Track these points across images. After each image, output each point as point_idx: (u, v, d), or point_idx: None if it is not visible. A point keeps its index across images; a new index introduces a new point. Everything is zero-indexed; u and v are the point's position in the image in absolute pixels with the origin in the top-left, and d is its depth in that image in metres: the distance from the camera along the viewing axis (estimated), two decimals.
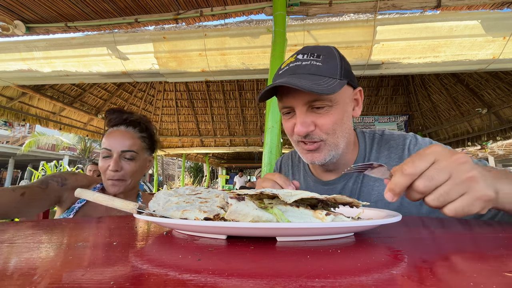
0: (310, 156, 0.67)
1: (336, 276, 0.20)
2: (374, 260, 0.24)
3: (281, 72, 0.66)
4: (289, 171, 0.89)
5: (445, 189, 0.37)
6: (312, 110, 0.63)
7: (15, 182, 15.75)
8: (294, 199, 0.33)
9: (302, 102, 0.63)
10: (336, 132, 0.64)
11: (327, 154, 0.66)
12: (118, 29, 2.76)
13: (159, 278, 0.20)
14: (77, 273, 0.21)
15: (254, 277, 0.20)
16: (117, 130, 0.97)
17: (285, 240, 0.32)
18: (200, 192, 0.50)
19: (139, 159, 0.98)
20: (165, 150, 8.36)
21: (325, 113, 0.63)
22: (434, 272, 0.21)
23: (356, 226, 0.32)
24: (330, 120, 0.63)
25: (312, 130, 0.63)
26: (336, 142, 0.65)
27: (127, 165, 0.94)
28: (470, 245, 0.33)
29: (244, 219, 0.31)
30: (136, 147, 0.96)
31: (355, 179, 0.72)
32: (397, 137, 0.72)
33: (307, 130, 0.63)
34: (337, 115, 0.64)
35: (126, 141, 0.94)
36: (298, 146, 0.69)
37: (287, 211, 0.34)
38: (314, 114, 0.63)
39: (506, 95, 4.57)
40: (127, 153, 0.94)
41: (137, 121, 1.02)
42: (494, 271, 0.21)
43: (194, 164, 19.00)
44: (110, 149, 0.93)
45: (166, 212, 0.39)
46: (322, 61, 0.62)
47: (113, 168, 0.90)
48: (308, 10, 2.30)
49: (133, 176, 0.97)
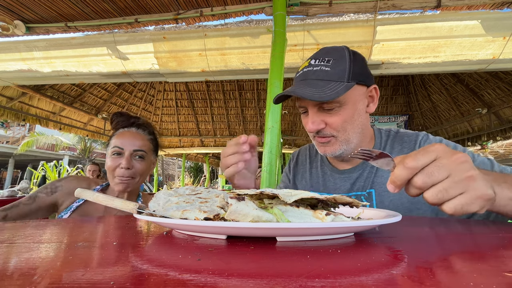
0: (322, 148, 0.75)
1: (336, 276, 0.20)
2: (374, 260, 0.24)
3: (297, 75, 0.74)
4: (307, 161, 0.95)
5: (444, 186, 0.37)
6: (323, 109, 0.70)
7: (15, 182, 15.73)
8: (294, 199, 0.33)
9: (312, 104, 0.70)
10: (347, 129, 0.70)
11: (337, 148, 0.72)
12: (118, 29, 2.76)
13: (159, 278, 0.20)
14: (77, 273, 0.21)
15: (254, 277, 0.20)
16: (128, 131, 1.03)
17: (285, 240, 0.32)
18: (200, 192, 0.50)
19: (147, 159, 1.04)
20: (165, 150, 8.35)
21: (334, 113, 0.69)
22: (434, 272, 0.21)
23: (356, 226, 0.32)
24: (339, 119, 0.69)
25: (322, 127, 0.70)
26: (347, 138, 0.71)
27: (138, 164, 1.00)
28: (470, 245, 0.33)
29: (244, 219, 0.31)
30: (146, 147, 1.03)
31: (370, 169, 0.76)
32: (411, 135, 0.78)
33: (316, 128, 0.70)
34: (346, 114, 0.69)
35: (138, 141, 1.01)
36: (314, 139, 0.77)
37: (287, 211, 0.34)
38: (324, 114, 0.70)
39: (506, 95, 4.57)
40: (139, 152, 1.00)
41: (145, 125, 1.09)
42: (494, 271, 0.21)
43: (194, 164, 18.99)
44: (123, 148, 0.98)
45: (166, 212, 0.39)
46: (331, 66, 0.68)
47: (126, 165, 0.95)
48: (308, 10, 2.30)
49: (142, 175, 1.02)
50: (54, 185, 0.99)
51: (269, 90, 1.88)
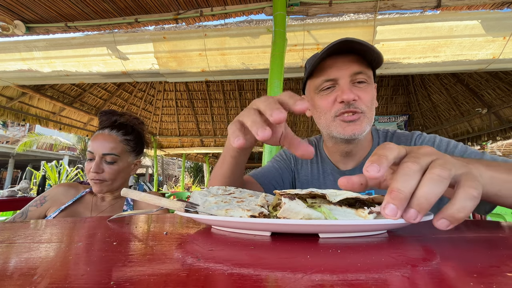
0: (351, 128, 0.70)
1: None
2: (374, 260, 0.24)
3: (326, 49, 0.69)
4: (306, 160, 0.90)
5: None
6: (354, 84, 0.69)
7: (15, 182, 15.74)
8: (340, 198, 0.35)
9: (348, 73, 0.69)
10: (372, 108, 0.71)
11: (364, 126, 0.70)
12: (118, 29, 2.76)
13: (159, 278, 0.20)
14: (77, 273, 0.21)
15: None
16: (101, 133, 1.01)
17: (327, 237, 0.34)
18: (233, 192, 0.51)
19: (121, 162, 1.01)
20: (165, 150, 8.36)
21: (364, 88, 0.70)
22: (434, 272, 0.21)
23: (396, 224, 0.34)
24: (369, 95, 0.70)
25: (356, 99, 0.68)
26: (371, 117, 0.71)
27: (108, 168, 0.98)
28: (470, 245, 0.33)
29: (295, 216, 0.33)
30: (117, 150, 1.00)
31: None
32: (407, 134, 0.79)
33: (354, 96, 0.67)
34: (372, 93, 0.71)
35: (108, 144, 0.98)
36: (335, 121, 0.71)
37: (332, 210, 0.36)
38: (356, 88, 0.69)
39: (506, 95, 4.57)
40: (108, 156, 0.98)
41: (123, 124, 1.05)
42: (494, 271, 0.21)
43: (194, 164, 19.00)
44: (93, 152, 0.98)
45: (209, 212, 0.40)
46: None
47: (94, 170, 0.95)
48: (308, 10, 2.30)
49: (115, 178, 1.00)
50: (43, 196, 1.01)
51: (269, 90, 1.88)
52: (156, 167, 7.96)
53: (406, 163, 0.29)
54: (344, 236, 0.35)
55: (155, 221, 0.52)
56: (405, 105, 6.60)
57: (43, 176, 3.41)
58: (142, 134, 1.11)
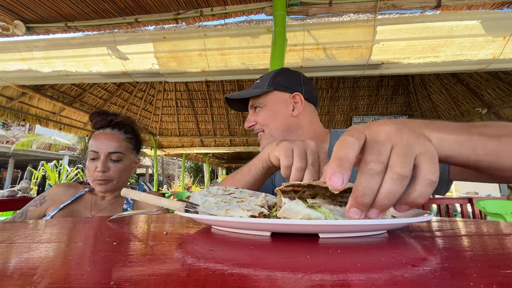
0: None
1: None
2: (374, 260, 0.24)
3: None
4: None
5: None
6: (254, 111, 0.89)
7: (15, 182, 15.74)
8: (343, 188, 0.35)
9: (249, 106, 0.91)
10: (269, 125, 0.85)
11: (265, 142, 0.86)
12: (118, 29, 2.76)
13: (159, 278, 0.20)
14: (77, 273, 0.21)
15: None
16: (103, 132, 1.00)
17: (327, 237, 0.34)
18: (233, 192, 0.52)
19: (125, 160, 1.02)
20: (165, 150, 8.35)
21: (258, 112, 0.87)
22: (433, 272, 0.21)
23: (397, 224, 0.35)
24: (261, 117, 0.86)
25: (253, 124, 0.88)
26: (271, 133, 0.85)
27: (114, 166, 0.98)
28: (470, 244, 0.33)
29: (295, 216, 0.33)
30: (122, 148, 1.00)
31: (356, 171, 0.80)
32: None
33: (248, 124, 0.89)
34: (267, 113, 0.85)
35: (113, 143, 0.98)
36: None
37: (332, 210, 0.36)
38: (255, 114, 0.88)
39: (506, 95, 4.57)
40: (114, 155, 0.98)
41: (122, 123, 1.05)
42: (494, 271, 0.21)
43: (194, 164, 19.00)
44: (97, 151, 0.96)
45: (209, 211, 0.40)
46: (261, 79, 0.89)
47: (101, 169, 0.94)
48: (308, 10, 2.30)
49: (120, 176, 1.00)
50: (43, 196, 1.00)
51: None
52: (156, 167, 7.96)
53: (369, 164, 0.29)
54: (344, 236, 0.35)
55: (155, 221, 0.52)
56: (405, 105, 6.60)
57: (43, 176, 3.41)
58: (138, 133, 1.12)
